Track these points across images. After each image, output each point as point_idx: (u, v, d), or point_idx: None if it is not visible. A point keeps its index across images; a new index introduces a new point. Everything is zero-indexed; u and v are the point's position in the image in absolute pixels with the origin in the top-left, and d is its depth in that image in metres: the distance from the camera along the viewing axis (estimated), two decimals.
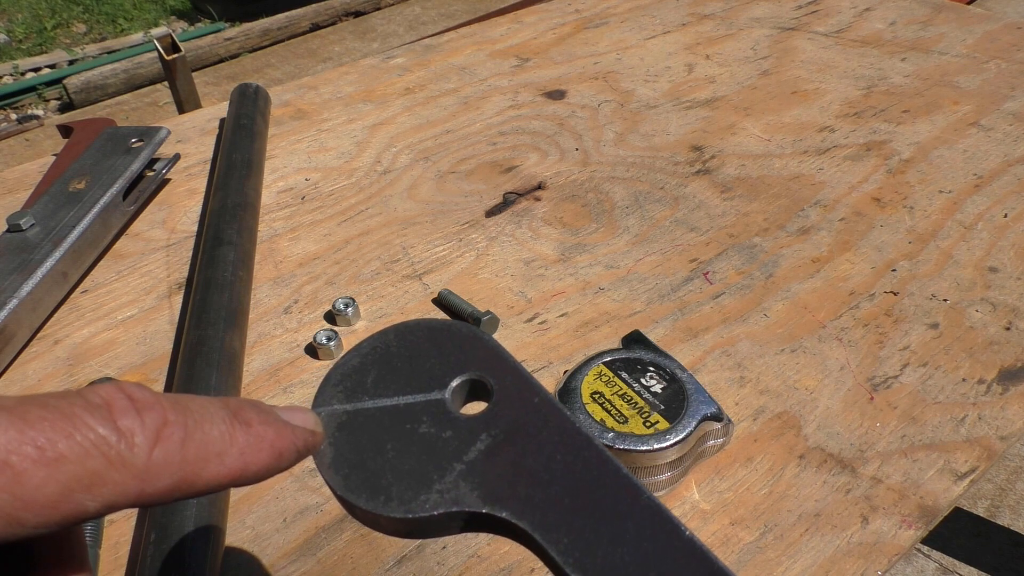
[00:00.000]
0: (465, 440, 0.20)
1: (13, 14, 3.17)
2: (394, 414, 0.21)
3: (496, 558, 0.36)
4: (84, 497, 0.15)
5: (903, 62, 0.77)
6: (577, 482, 0.19)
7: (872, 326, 0.48)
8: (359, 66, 0.80)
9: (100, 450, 0.15)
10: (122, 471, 0.15)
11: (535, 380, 0.21)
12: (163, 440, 0.16)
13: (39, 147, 2.30)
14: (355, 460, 0.20)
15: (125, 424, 0.16)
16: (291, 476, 0.39)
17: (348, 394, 0.21)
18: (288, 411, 0.20)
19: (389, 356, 0.22)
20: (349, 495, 0.19)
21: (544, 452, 0.20)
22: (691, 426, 0.37)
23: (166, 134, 0.60)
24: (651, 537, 0.18)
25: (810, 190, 0.60)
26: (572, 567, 0.18)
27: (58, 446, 0.15)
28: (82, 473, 0.15)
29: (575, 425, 0.20)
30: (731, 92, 0.73)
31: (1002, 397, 0.43)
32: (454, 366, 0.22)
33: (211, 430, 0.17)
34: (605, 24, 0.87)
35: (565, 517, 0.19)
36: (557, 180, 0.62)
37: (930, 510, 0.37)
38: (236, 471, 0.17)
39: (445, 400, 0.21)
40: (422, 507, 0.19)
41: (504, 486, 0.19)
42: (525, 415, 0.21)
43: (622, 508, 0.19)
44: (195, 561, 0.32)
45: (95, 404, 0.16)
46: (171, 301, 0.51)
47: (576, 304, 0.50)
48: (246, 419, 0.18)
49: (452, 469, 0.20)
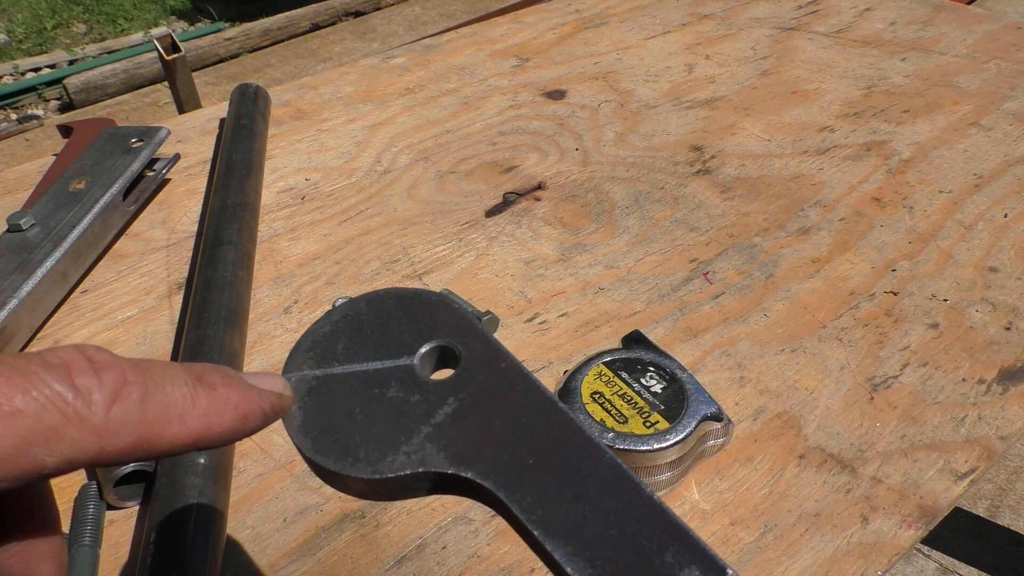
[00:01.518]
0: (432, 404, 0.21)
1: (13, 14, 3.17)
2: (363, 379, 0.21)
3: (496, 558, 0.36)
4: (41, 452, 0.15)
5: (903, 62, 0.77)
6: (541, 443, 0.20)
7: (872, 326, 0.48)
8: (359, 66, 0.80)
9: (57, 406, 0.15)
10: (80, 428, 0.16)
11: (502, 347, 0.22)
12: (121, 399, 0.16)
13: (39, 147, 2.30)
14: (324, 423, 0.20)
15: (82, 382, 0.16)
16: (291, 476, 0.39)
17: (318, 360, 0.22)
18: (255, 376, 0.20)
19: (359, 323, 0.23)
20: (317, 457, 0.20)
21: (510, 415, 0.20)
22: (691, 426, 0.37)
23: (166, 134, 0.60)
24: (612, 495, 0.19)
25: (810, 190, 0.60)
26: (534, 524, 0.18)
27: (14, 401, 0.15)
28: (39, 428, 0.15)
29: (541, 389, 0.21)
30: (731, 92, 0.73)
31: (1002, 397, 0.43)
32: (423, 333, 0.22)
33: (172, 391, 0.17)
34: (605, 24, 0.87)
35: (529, 476, 0.19)
36: (557, 180, 0.62)
37: (930, 510, 0.37)
38: (199, 432, 0.18)
39: (414, 366, 0.22)
40: (389, 468, 0.19)
41: (470, 447, 0.20)
42: (492, 380, 0.21)
43: (585, 468, 0.19)
44: (195, 561, 0.32)
45: (53, 364, 0.16)
46: (171, 301, 0.51)
47: (576, 304, 0.50)
48: (210, 382, 0.18)
49: (419, 432, 0.20)
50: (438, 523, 0.37)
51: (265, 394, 0.19)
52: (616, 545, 0.18)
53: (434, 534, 0.37)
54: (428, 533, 0.37)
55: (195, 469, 0.36)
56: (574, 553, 0.18)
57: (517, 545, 0.36)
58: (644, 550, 0.18)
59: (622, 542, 0.18)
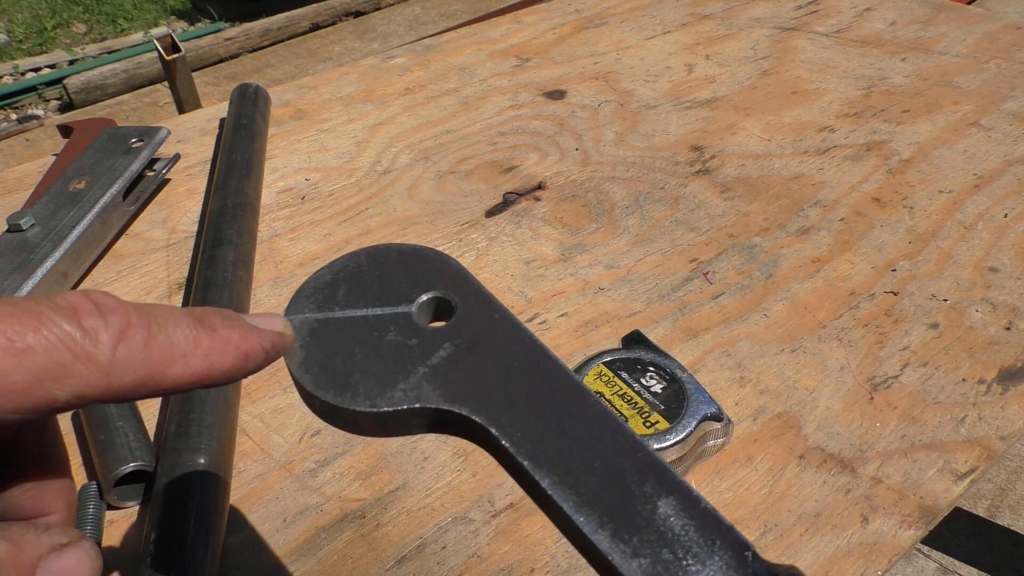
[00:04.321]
0: (429, 348, 0.22)
1: (13, 14, 3.17)
2: (363, 323, 0.22)
3: (496, 558, 0.36)
4: (52, 386, 0.16)
5: (903, 62, 0.77)
6: (532, 386, 0.21)
7: (872, 326, 0.48)
8: (359, 66, 0.80)
9: (66, 344, 0.16)
10: (88, 365, 0.17)
11: (496, 299, 0.23)
12: (126, 339, 0.17)
13: (39, 147, 2.30)
14: (324, 362, 0.21)
15: (89, 323, 0.17)
16: (291, 476, 0.39)
17: (319, 304, 0.23)
18: (255, 317, 0.21)
19: (360, 274, 0.24)
20: (318, 391, 0.21)
21: (502, 360, 0.21)
22: (691, 426, 0.37)
23: (166, 134, 0.60)
24: (597, 433, 0.20)
25: (810, 190, 0.60)
26: (524, 456, 0.19)
27: (26, 339, 0.16)
28: (50, 364, 0.16)
29: (532, 338, 0.22)
30: (731, 92, 0.73)
31: (1002, 397, 0.43)
32: (421, 285, 0.23)
33: (175, 332, 0.18)
34: (605, 24, 0.87)
35: (519, 415, 0.20)
36: (557, 180, 0.62)
37: (930, 510, 0.37)
38: (202, 371, 0.19)
39: (412, 313, 0.23)
40: (387, 402, 0.20)
41: (464, 387, 0.21)
42: (486, 328, 0.22)
43: (572, 408, 0.20)
44: (195, 561, 0.32)
45: (61, 306, 0.17)
46: (171, 301, 0.51)
47: (576, 304, 0.50)
48: (211, 324, 0.19)
49: (416, 371, 0.21)
50: (438, 523, 0.37)
51: (265, 333, 0.20)
52: (599, 476, 0.19)
53: (434, 534, 0.37)
54: (428, 533, 0.37)
55: (195, 469, 0.36)
56: (560, 482, 0.19)
57: (517, 545, 0.36)
58: (625, 481, 0.19)
59: (605, 474, 0.19)
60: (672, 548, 0.18)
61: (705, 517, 0.18)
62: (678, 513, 0.18)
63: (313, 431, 0.42)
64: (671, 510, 0.18)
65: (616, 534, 0.18)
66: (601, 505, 0.19)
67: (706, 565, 0.18)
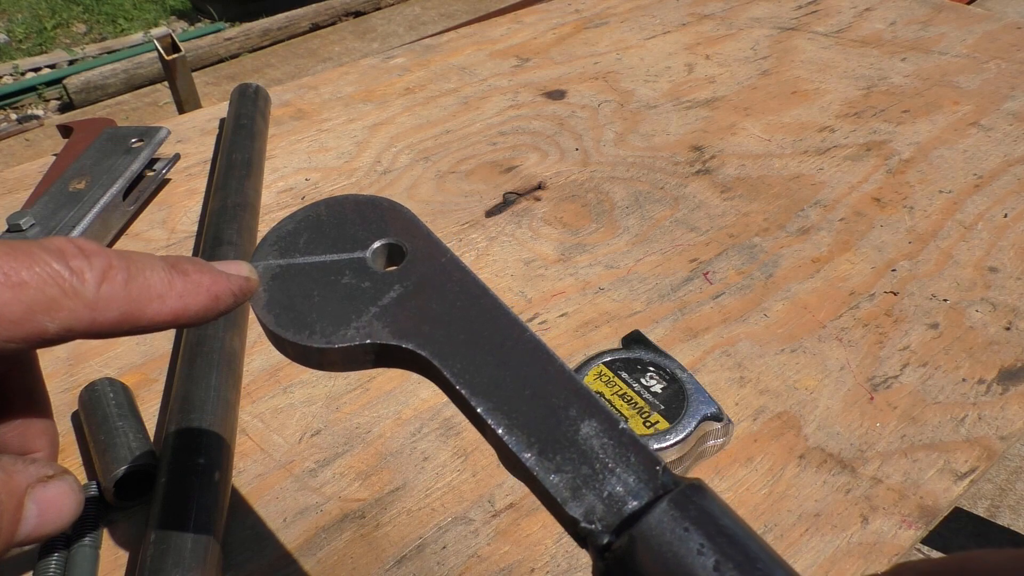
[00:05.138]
0: (380, 290, 0.24)
1: (13, 14, 3.17)
2: (321, 268, 0.24)
3: (496, 558, 0.36)
4: (44, 318, 0.18)
5: (903, 62, 0.77)
6: (472, 322, 0.23)
7: (872, 326, 0.48)
8: (359, 66, 0.80)
9: (56, 281, 0.18)
10: (75, 300, 0.18)
11: (444, 244, 0.25)
12: (108, 279, 0.19)
13: (39, 147, 2.30)
14: (285, 303, 0.23)
15: (75, 264, 0.19)
16: (291, 476, 0.39)
17: (282, 252, 0.25)
18: (224, 263, 0.22)
19: (319, 223, 0.26)
20: (279, 330, 0.23)
21: (447, 299, 0.23)
22: (691, 426, 0.37)
23: (166, 134, 0.60)
24: (529, 364, 0.22)
25: (810, 190, 0.60)
26: (462, 385, 0.21)
27: (21, 274, 0.18)
28: (42, 298, 0.18)
29: (475, 279, 0.24)
30: (731, 92, 0.73)
31: (1002, 397, 0.43)
32: (375, 232, 0.25)
33: (151, 275, 0.20)
34: (605, 24, 0.87)
35: (460, 348, 0.22)
36: (557, 180, 0.62)
37: (930, 510, 0.37)
38: (177, 310, 0.20)
39: (366, 258, 0.25)
40: (341, 339, 0.22)
41: (411, 325, 0.23)
42: (433, 271, 0.24)
43: (508, 342, 0.22)
44: (195, 561, 0.32)
45: (50, 248, 0.19)
46: None
47: (576, 304, 0.50)
48: (183, 269, 0.21)
49: (368, 311, 0.23)
50: (438, 523, 0.37)
51: (233, 278, 0.22)
52: (529, 402, 0.21)
53: (434, 534, 0.37)
54: (428, 533, 0.37)
55: (195, 469, 0.36)
56: (494, 408, 0.21)
57: (517, 545, 0.36)
58: (553, 407, 0.21)
59: (535, 400, 0.21)
60: (591, 464, 0.20)
61: (622, 437, 0.20)
62: (598, 434, 0.20)
63: (313, 431, 0.42)
64: (592, 431, 0.21)
65: (542, 452, 0.20)
66: (529, 427, 0.21)
67: (620, 478, 0.20)
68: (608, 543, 0.19)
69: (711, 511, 0.18)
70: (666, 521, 0.18)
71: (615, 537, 0.19)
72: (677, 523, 0.18)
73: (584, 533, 0.19)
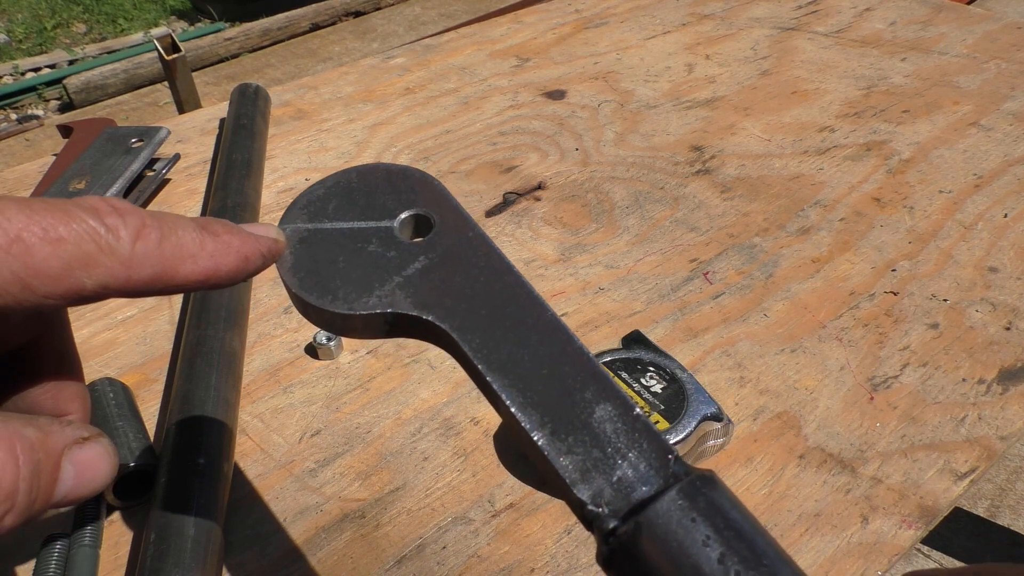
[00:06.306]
0: (405, 260, 0.24)
1: (13, 14, 3.17)
2: (348, 235, 0.24)
3: (496, 558, 0.36)
4: (81, 274, 0.18)
5: (903, 62, 0.77)
6: (494, 299, 0.23)
7: (872, 326, 0.48)
8: (359, 66, 0.80)
9: (92, 237, 0.18)
10: (111, 257, 0.19)
11: (471, 218, 0.25)
12: (143, 237, 0.19)
13: (39, 147, 2.30)
14: (311, 267, 0.23)
15: (111, 221, 0.19)
16: (291, 476, 0.39)
17: (311, 216, 0.25)
18: (252, 225, 0.23)
19: (350, 190, 0.26)
20: (302, 293, 0.23)
21: (471, 274, 0.23)
22: (691, 426, 0.37)
23: (166, 134, 0.60)
24: (548, 343, 0.22)
25: (810, 190, 0.60)
26: (480, 360, 0.21)
27: (59, 230, 0.18)
28: (79, 253, 0.18)
29: (500, 256, 0.24)
30: (731, 92, 0.73)
31: (1002, 397, 0.43)
32: (404, 202, 0.25)
33: (184, 235, 0.20)
34: (605, 24, 0.87)
35: (480, 323, 0.22)
36: (557, 180, 0.62)
37: (930, 510, 0.37)
38: (209, 270, 0.21)
39: (393, 228, 0.24)
40: (362, 306, 0.22)
41: (433, 297, 0.23)
42: (459, 245, 0.24)
43: (529, 320, 0.22)
44: (195, 561, 0.32)
45: (85, 207, 0.19)
46: (171, 301, 0.51)
47: (576, 304, 0.50)
48: (214, 230, 0.21)
49: (391, 280, 0.23)
50: (438, 523, 0.37)
51: (262, 239, 0.22)
52: (546, 381, 0.21)
53: (434, 534, 0.37)
54: (428, 533, 0.37)
55: (195, 469, 0.36)
56: (510, 385, 0.21)
57: (517, 545, 0.36)
58: (569, 387, 0.21)
59: (551, 380, 0.21)
60: (602, 447, 0.20)
61: (636, 423, 0.20)
62: (612, 418, 0.20)
63: (313, 431, 0.42)
64: (606, 415, 0.20)
65: (555, 432, 0.20)
66: (544, 406, 0.21)
67: (631, 463, 0.20)
68: (614, 528, 0.19)
69: (720, 504, 0.18)
70: (673, 510, 0.18)
71: (621, 523, 0.19)
72: (685, 513, 0.18)
73: (591, 516, 0.19)
